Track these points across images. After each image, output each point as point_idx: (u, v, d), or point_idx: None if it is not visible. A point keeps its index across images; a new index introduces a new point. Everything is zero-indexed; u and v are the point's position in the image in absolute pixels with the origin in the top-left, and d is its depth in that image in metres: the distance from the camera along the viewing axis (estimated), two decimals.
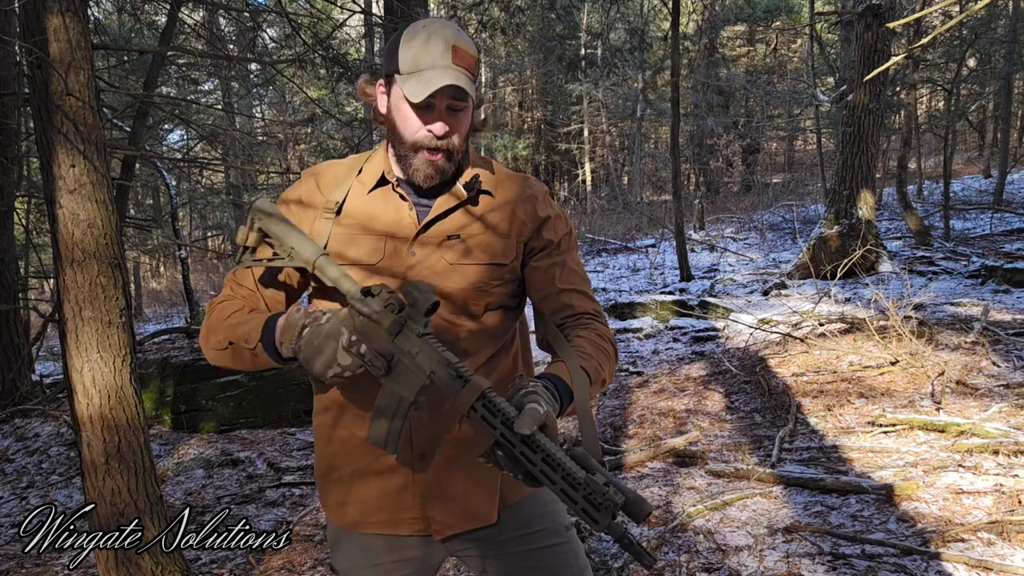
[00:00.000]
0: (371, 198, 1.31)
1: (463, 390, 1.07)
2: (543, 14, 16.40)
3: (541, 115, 26.03)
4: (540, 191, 1.39)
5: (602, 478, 1.00)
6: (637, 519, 1.00)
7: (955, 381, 4.46)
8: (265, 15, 9.01)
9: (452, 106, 1.24)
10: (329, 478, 1.36)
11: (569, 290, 1.34)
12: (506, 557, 1.34)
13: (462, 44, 1.23)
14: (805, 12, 18.66)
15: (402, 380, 1.12)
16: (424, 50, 1.21)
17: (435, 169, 1.26)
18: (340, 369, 1.12)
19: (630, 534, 1.01)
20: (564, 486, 1.01)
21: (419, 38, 1.22)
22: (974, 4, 7.46)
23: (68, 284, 2.59)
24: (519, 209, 1.34)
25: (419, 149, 1.25)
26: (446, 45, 1.21)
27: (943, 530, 2.74)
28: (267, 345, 1.21)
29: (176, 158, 10.65)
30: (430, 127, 1.24)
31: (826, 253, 8.87)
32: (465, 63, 1.22)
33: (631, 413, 4.91)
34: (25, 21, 2.63)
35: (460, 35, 1.24)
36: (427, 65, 1.21)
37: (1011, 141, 16.63)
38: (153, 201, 17.26)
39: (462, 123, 1.27)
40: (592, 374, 1.22)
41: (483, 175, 1.34)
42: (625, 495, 0.99)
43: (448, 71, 1.20)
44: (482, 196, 1.33)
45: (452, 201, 1.30)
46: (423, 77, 1.20)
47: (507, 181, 1.37)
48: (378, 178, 1.31)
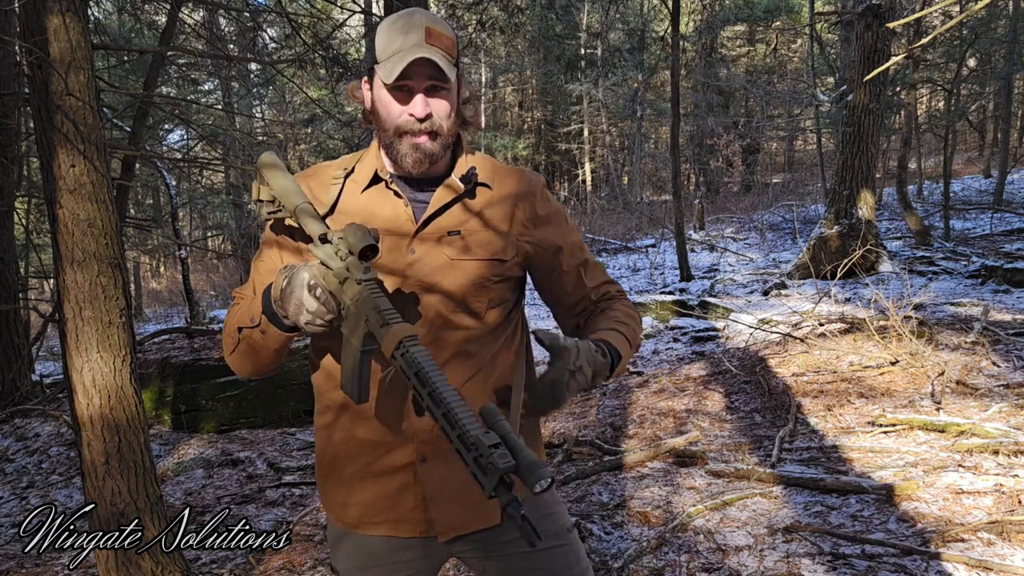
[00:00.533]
0: (366, 196, 1.30)
1: (384, 336, 1.05)
2: (543, 14, 16.39)
3: (541, 115, 26.02)
4: (538, 186, 1.38)
5: (493, 438, 0.93)
6: (529, 485, 0.91)
7: (955, 381, 4.46)
8: (265, 15, 9.01)
9: (432, 87, 1.23)
10: (330, 479, 1.36)
11: (599, 284, 1.41)
12: (506, 559, 1.34)
13: (436, 26, 1.23)
14: (805, 12, 18.66)
15: (352, 327, 1.12)
16: (397, 34, 1.22)
17: (422, 153, 1.25)
18: (310, 316, 1.12)
19: (516, 505, 0.92)
20: (458, 445, 0.96)
21: (393, 26, 1.23)
22: (974, 4, 7.45)
23: (68, 284, 2.59)
24: (519, 209, 1.34)
25: (403, 134, 1.24)
26: (419, 27, 1.21)
27: (943, 530, 2.74)
28: (270, 316, 1.20)
29: (176, 158, 10.65)
30: (411, 110, 1.23)
31: (826, 253, 8.87)
32: (441, 44, 1.22)
33: (631, 413, 4.91)
34: (25, 21, 2.63)
35: (435, 19, 1.24)
36: (401, 47, 1.21)
37: (1011, 141, 16.62)
38: (153, 201, 17.26)
39: (445, 104, 1.25)
40: (630, 338, 1.33)
41: (480, 167, 1.33)
42: (517, 459, 0.91)
43: (420, 48, 1.20)
44: (480, 189, 1.32)
45: (449, 195, 1.29)
46: (396, 58, 1.20)
47: (505, 175, 1.36)
48: (371, 176, 1.30)
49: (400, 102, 1.24)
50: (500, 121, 26.49)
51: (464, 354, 1.28)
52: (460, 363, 1.28)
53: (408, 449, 1.27)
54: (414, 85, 1.23)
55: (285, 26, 7.58)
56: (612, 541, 3.04)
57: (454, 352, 1.28)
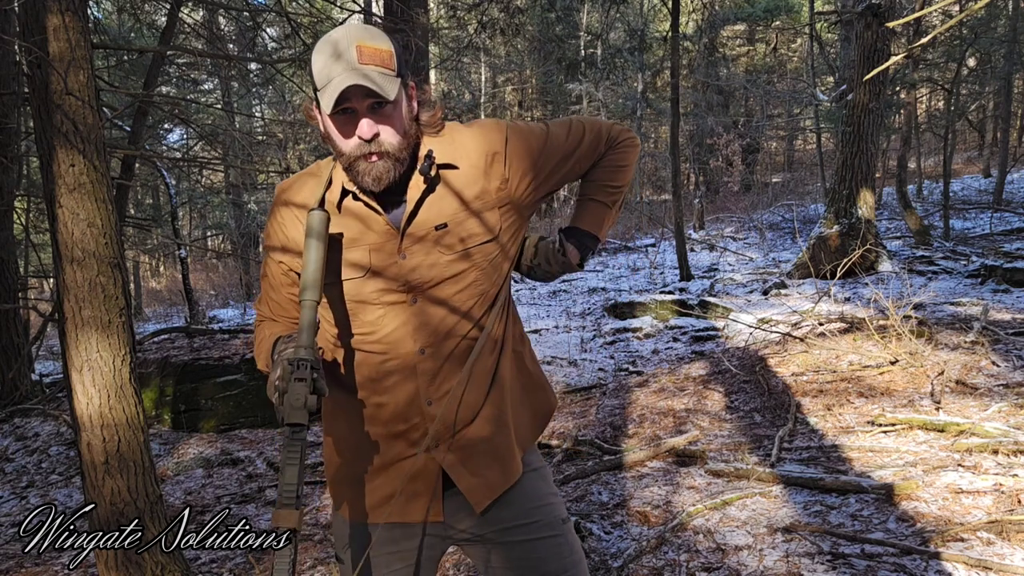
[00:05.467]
0: (342, 213, 1.31)
1: (275, 511, 1.18)
2: (543, 14, 16.40)
3: (541, 114, 25.97)
4: (500, 136, 1.34)
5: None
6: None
7: (955, 381, 4.46)
8: (265, 15, 9.00)
9: (374, 105, 1.22)
10: (338, 478, 1.41)
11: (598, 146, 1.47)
12: (501, 547, 1.37)
13: (368, 42, 1.20)
14: (805, 11, 18.66)
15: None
16: (329, 60, 1.20)
17: (377, 172, 1.24)
18: (277, 401, 1.20)
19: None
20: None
21: (323, 50, 1.21)
22: (974, 4, 7.46)
23: (68, 283, 2.59)
24: (491, 170, 1.32)
25: (356, 159, 1.24)
26: (348, 48, 1.19)
27: (942, 529, 2.74)
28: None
29: (176, 157, 10.64)
30: (359, 133, 1.22)
31: (826, 253, 8.87)
32: (375, 60, 1.20)
33: (631, 412, 4.91)
34: (25, 20, 2.63)
35: (366, 33, 1.22)
36: (334, 74, 1.19)
37: (1011, 141, 16.63)
38: (153, 200, 17.27)
39: (392, 120, 1.24)
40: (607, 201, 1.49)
41: (437, 148, 1.31)
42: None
43: (352, 73, 1.18)
44: (446, 172, 1.30)
45: (419, 190, 1.29)
46: (331, 86, 1.19)
47: (467, 141, 1.33)
48: (340, 192, 1.30)
49: (345, 125, 1.23)
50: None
51: (461, 356, 1.31)
52: (458, 366, 1.32)
53: (420, 437, 1.32)
54: (356, 106, 1.21)
55: (285, 26, 7.58)
56: (612, 541, 3.04)
57: (455, 356, 1.32)
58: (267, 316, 1.44)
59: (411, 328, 1.29)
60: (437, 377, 1.30)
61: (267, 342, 1.37)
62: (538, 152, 1.36)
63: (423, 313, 1.29)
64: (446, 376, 1.31)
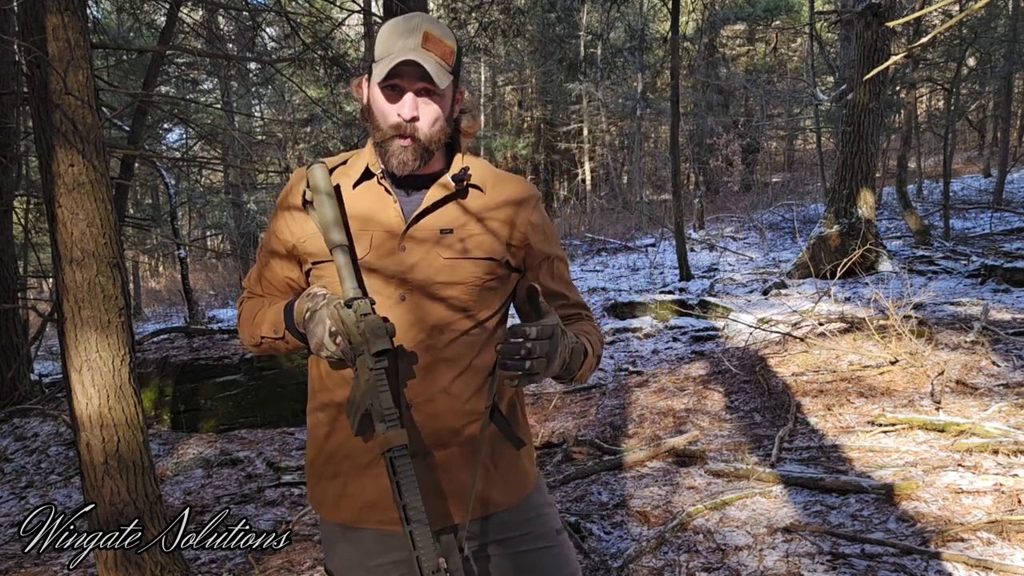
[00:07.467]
0: (356, 192, 1.31)
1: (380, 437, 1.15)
2: (543, 14, 16.40)
3: (541, 114, 25.98)
4: (535, 195, 1.39)
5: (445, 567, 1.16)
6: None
7: (955, 381, 4.46)
8: (264, 15, 9.00)
9: (423, 90, 1.24)
10: (323, 475, 1.35)
11: (576, 302, 1.44)
12: (496, 559, 1.34)
13: (436, 32, 1.23)
14: (805, 11, 18.65)
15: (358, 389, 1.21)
16: (396, 36, 1.23)
17: (405, 156, 1.25)
18: (328, 353, 1.20)
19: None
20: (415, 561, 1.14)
21: (393, 28, 1.24)
22: (974, 3, 7.46)
23: (67, 283, 2.58)
24: (516, 213, 1.34)
25: (393, 136, 1.25)
26: (417, 31, 1.22)
27: (943, 529, 2.74)
28: (294, 333, 1.29)
29: (175, 157, 10.64)
30: (399, 109, 1.24)
31: (826, 252, 8.87)
32: (437, 50, 1.23)
33: (631, 412, 4.91)
34: (24, 20, 2.63)
35: (436, 25, 1.25)
36: (395, 49, 1.22)
37: (1011, 140, 16.63)
38: (152, 200, 17.27)
39: (433, 111, 1.26)
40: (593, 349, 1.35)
41: (475, 169, 1.33)
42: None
43: (413, 52, 1.21)
44: (473, 190, 1.32)
45: (441, 192, 1.30)
46: (389, 59, 1.21)
47: (502, 180, 1.36)
48: (362, 171, 1.31)
49: (391, 100, 1.25)
50: (499, 120, 26.46)
51: (457, 356, 1.29)
52: (453, 365, 1.29)
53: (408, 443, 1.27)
54: (405, 85, 1.23)
55: (284, 26, 7.58)
56: (612, 541, 3.03)
57: (448, 354, 1.28)
58: (257, 294, 1.42)
59: (403, 325, 1.27)
60: (428, 376, 1.28)
61: (269, 310, 1.35)
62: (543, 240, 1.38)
63: (417, 309, 1.28)
64: (437, 375, 1.28)
